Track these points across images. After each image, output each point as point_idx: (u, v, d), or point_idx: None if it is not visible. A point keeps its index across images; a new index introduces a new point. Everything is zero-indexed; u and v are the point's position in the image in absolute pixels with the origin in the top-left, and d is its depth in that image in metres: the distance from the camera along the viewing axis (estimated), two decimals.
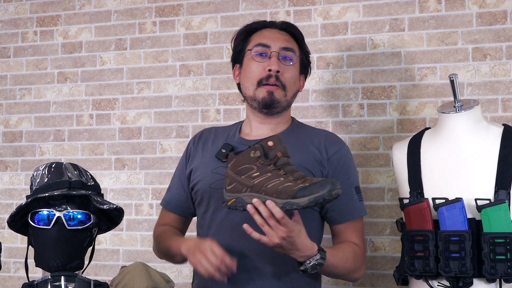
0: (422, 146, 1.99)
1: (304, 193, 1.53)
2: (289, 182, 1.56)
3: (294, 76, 1.90)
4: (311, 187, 1.53)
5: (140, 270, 1.76)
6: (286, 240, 1.58)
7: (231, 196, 1.64)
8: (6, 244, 2.93)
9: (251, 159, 1.62)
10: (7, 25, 3.07)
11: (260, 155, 1.61)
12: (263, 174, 1.59)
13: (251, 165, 1.62)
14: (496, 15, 2.44)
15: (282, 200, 1.54)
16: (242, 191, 1.61)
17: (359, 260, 1.84)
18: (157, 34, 2.85)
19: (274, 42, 1.88)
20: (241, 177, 1.62)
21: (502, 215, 1.80)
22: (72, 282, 1.63)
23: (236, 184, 1.63)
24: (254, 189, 1.59)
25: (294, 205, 1.53)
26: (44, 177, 1.71)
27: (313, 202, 1.52)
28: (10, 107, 3.03)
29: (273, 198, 1.56)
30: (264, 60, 1.86)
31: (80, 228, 1.68)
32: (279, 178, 1.58)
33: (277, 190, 1.56)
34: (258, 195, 1.58)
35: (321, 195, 1.51)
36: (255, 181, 1.60)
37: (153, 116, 2.83)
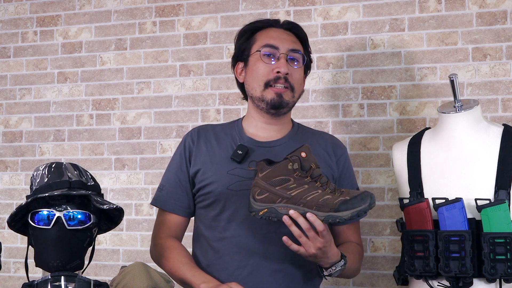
0: (422, 146, 1.99)
1: (346, 206, 1.58)
2: (327, 194, 1.60)
3: (301, 77, 1.91)
4: (352, 200, 1.58)
5: (140, 270, 1.75)
6: (322, 250, 1.64)
7: (263, 206, 1.64)
8: (6, 244, 2.93)
9: (288, 171, 1.64)
10: (7, 25, 3.07)
11: (297, 167, 1.63)
12: (300, 186, 1.62)
13: (287, 177, 1.63)
14: (496, 15, 2.44)
15: (324, 213, 1.58)
16: (276, 201, 1.63)
17: (361, 259, 1.93)
18: (157, 34, 2.85)
19: (282, 43, 1.87)
20: (275, 188, 1.63)
21: (502, 215, 1.80)
22: (72, 282, 1.63)
23: (269, 194, 1.64)
24: (291, 201, 1.61)
25: (337, 218, 1.58)
26: (44, 177, 1.71)
27: (356, 215, 1.57)
28: (10, 107, 3.03)
29: (313, 211, 1.59)
30: (273, 61, 1.86)
31: (80, 228, 1.68)
32: (317, 191, 1.61)
33: (318, 204, 1.59)
34: (295, 206, 1.61)
35: (363, 209, 1.57)
36: (292, 192, 1.62)
37: (153, 116, 2.83)
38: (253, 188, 1.67)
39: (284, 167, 1.64)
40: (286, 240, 1.64)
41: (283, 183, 1.63)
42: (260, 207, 1.65)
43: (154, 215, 2.77)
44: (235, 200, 1.81)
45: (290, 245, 1.64)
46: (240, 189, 1.80)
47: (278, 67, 1.84)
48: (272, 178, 1.64)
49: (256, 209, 1.65)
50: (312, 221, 1.59)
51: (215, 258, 1.84)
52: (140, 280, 1.72)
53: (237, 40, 1.96)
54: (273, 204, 1.63)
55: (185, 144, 1.94)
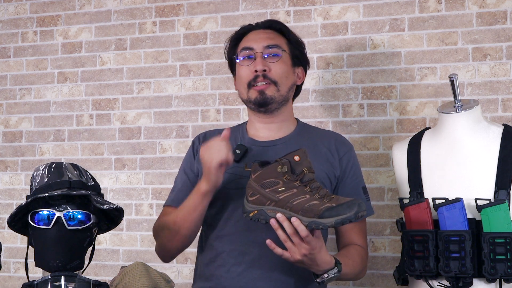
0: (422, 146, 1.99)
1: (330, 213, 1.54)
2: (315, 200, 1.57)
3: (285, 70, 1.90)
4: (337, 208, 1.54)
5: (140, 270, 1.75)
6: (308, 257, 1.60)
7: (253, 208, 1.64)
8: (6, 244, 2.93)
9: (277, 173, 1.62)
10: (7, 25, 3.07)
11: (287, 170, 1.61)
12: (289, 190, 1.60)
13: (277, 180, 1.62)
14: (496, 15, 2.44)
15: (308, 219, 1.55)
16: (266, 204, 1.62)
17: (365, 262, 1.88)
18: (157, 34, 2.85)
19: (257, 43, 1.89)
20: (265, 190, 1.62)
21: (502, 215, 1.80)
22: (72, 282, 1.63)
23: (259, 196, 1.63)
24: (279, 204, 1.60)
25: (320, 225, 1.54)
26: (44, 177, 1.71)
27: (339, 223, 1.54)
28: (10, 107, 3.03)
29: (298, 216, 1.56)
30: (250, 63, 1.88)
31: (80, 228, 1.68)
32: (305, 195, 1.59)
33: (303, 208, 1.56)
34: (283, 210, 1.59)
35: (348, 217, 1.53)
36: (280, 196, 1.60)
37: (153, 116, 2.83)
38: (247, 189, 1.68)
39: (273, 170, 1.63)
40: (269, 244, 1.62)
41: (272, 185, 1.62)
42: (251, 208, 1.65)
43: (154, 215, 2.77)
44: (232, 198, 1.84)
45: (273, 248, 1.62)
46: (237, 187, 1.82)
47: (255, 66, 1.86)
48: (263, 180, 1.64)
49: (248, 210, 1.66)
50: (295, 226, 1.56)
51: (214, 256, 1.86)
52: (140, 280, 1.72)
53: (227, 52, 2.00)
54: (262, 206, 1.62)
55: (194, 145, 2.01)
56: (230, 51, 1.98)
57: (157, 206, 2.77)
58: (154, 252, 2.75)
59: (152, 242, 2.77)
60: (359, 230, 1.90)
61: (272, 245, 1.62)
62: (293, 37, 1.96)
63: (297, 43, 1.97)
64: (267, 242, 1.62)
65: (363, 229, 1.92)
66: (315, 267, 1.64)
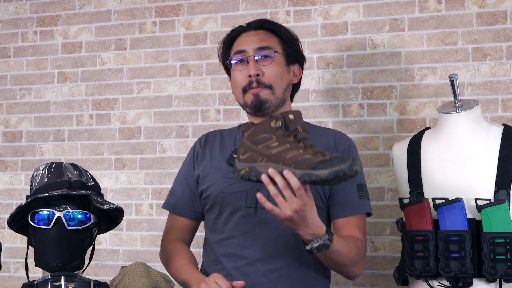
0: (422, 146, 1.99)
1: (324, 165, 1.46)
2: (308, 154, 1.51)
3: (279, 71, 1.87)
4: (331, 160, 1.46)
5: (140, 270, 1.75)
6: (299, 213, 1.53)
7: (244, 166, 1.58)
8: (6, 244, 2.93)
9: (271, 129, 1.57)
10: (7, 25, 3.07)
11: (281, 125, 1.57)
12: (282, 144, 1.55)
13: (270, 135, 1.57)
14: (496, 15, 2.44)
15: (301, 171, 1.48)
16: (257, 161, 1.56)
17: (361, 254, 1.80)
18: (157, 34, 2.85)
19: (248, 45, 1.87)
20: (258, 146, 1.57)
21: (502, 215, 1.80)
22: (72, 282, 1.63)
23: (251, 153, 1.58)
24: (271, 159, 1.54)
25: (313, 176, 1.46)
26: (44, 177, 1.71)
27: (333, 175, 1.44)
28: (10, 107, 3.03)
29: (291, 169, 1.49)
30: (244, 67, 1.86)
31: (80, 228, 1.68)
32: (298, 150, 1.53)
33: (296, 161, 1.49)
34: (275, 165, 1.52)
35: (342, 169, 1.44)
36: (272, 151, 1.54)
37: (153, 116, 2.83)
38: (239, 148, 1.63)
39: (267, 125, 1.59)
40: (260, 197, 1.55)
41: (265, 141, 1.57)
42: (242, 166, 1.59)
43: (154, 215, 2.77)
44: (229, 202, 1.84)
45: (263, 202, 1.55)
46: (233, 192, 1.82)
47: (248, 71, 1.84)
48: (256, 136, 1.59)
49: (238, 169, 1.60)
50: (287, 178, 1.49)
51: (214, 260, 1.87)
52: (140, 280, 1.72)
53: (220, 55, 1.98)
54: (254, 163, 1.57)
55: (194, 149, 2.00)
56: (224, 55, 1.96)
57: (157, 206, 2.77)
58: (154, 252, 2.75)
59: (152, 242, 2.77)
60: (355, 225, 1.83)
61: (262, 199, 1.56)
62: (285, 35, 1.93)
63: (290, 41, 1.93)
64: (257, 196, 1.56)
65: (359, 224, 1.85)
66: (304, 229, 1.57)
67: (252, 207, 1.81)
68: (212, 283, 1.64)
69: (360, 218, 1.86)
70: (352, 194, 1.85)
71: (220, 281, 1.64)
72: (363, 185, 1.88)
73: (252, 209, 1.81)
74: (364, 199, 1.87)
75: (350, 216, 1.83)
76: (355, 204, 1.85)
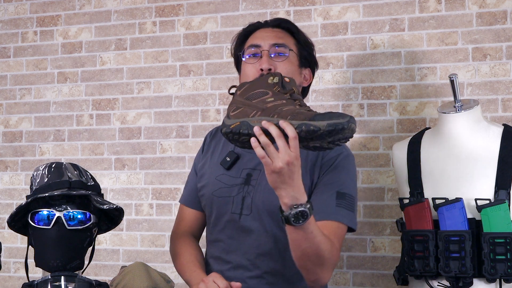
0: (422, 146, 1.99)
1: (323, 117, 1.41)
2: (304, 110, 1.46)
3: (290, 70, 1.82)
4: (330, 113, 1.41)
5: (140, 270, 1.75)
6: (289, 167, 1.44)
7: (235, 121, 1.50)
8: (6, 244, 2.93)
9: (268, 84, 1.52)
10: (7, 25, 3.07)
11: (278, 82, 1.52)
12: (278, 100, 1.49)
13: (266, 90, 1.51)
14: (496, 15, 2.44)
15: (298, 121, 1.42)
16: (250, 115, 1.49)
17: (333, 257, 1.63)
18: (157, 34, 2.85)
19: (264, 40, 1.83)
20: (252, 101, 1.51)
21: (502, 215, 1.80)
22: (72, 282, 1.63)
23: (244, 108, 1.51)
24: (266, 112, 1.47)
25: (311, 126, 1.40)
26: (44, 177, 1.71)
27: (332, 126, 1.38)
28: (10, 107, 3.03)
29: (287, 120, 1.43)
30: (257, 60, 1.81)
31: (80, 228, 1.68)
32: (294, 106, 1.48)
33: (293, 113, 1.44)
34: (269, 118, 1.46)
35: (340, 122, 1.39)
36: (268, 104, 1.49)
37: (153, 116, 2.83)
38: (229, 106, 1.55)
39: (264, 81, 1.54)
40: (253, 141, 1.45)
41: (261, 96, 1.51)
42: (232, 122, 1.51)
43: (154, 215, 2.77)
44: (217, 206, 1.84)
45: (255, 147, 1.45)
46: (222, 196, 1.82)
47: (260, 64, 1.79)
48: (250, 91, 1.53)
49: (228, 124, 1.52)
50: (283, 127, 1.42)
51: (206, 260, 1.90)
52: (140, 280, 1.72)
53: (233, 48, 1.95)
54: (246, 118, 1.49)
55: (205, 141, 2.00)
56: (236, 48, 1.92)
57: (157, 206, 2.78)
58: (154, 252, 2.75)
59: (152, 242, 2.77)
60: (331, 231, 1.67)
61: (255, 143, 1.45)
62: (302, 37, 1.90)
63: (306, 44, 1.90)
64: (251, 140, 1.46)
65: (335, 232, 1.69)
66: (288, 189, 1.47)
67: (236, 213, 1.80)
68: (210, 282, 1.64)
69: (336, 226, 1.70)
70: (329, 200, 1.73)
71: (218, 280, 1.63)
72: (345, 194, 1.74)
73: (237, 215, 1.80)
74: (341, 208, 1.72)
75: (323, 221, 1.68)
76: (329, 211, 1.71)
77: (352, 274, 2.52)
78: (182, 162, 2.76)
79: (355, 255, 2.52)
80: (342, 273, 2.53)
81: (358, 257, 2.52)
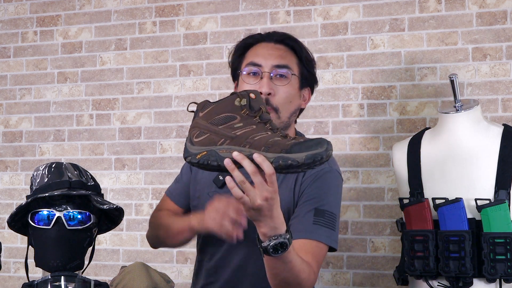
0: (422, 146, 1.99)
1: (300, 148, 1.29)
2: (278, 137, 1.34)
3: (290, 94, 1.73)
4: (307, 143, 1.30)
5: (140, 270, 1.75)
6: (268, 202, 1.34)
7: (200, 149, 1.38)
8: (6, 244, 2.93)
9: (234, 107, 1.39)
10: (7, 25, 3.07)
11: (245, 103, 1.39)
12: (248, 125, 1.37)
13: (233, 114, 1.39)
14: (496, 15, 2.44)
15: (274, 154, 1.30)
16: (218, 143, 1.37)
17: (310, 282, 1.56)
18: (157, 34, 2.85)
19: (266, 60, 1.73)
20: (217, 127, 1.38)
21: (502, 215, 1.80)
22: (72, 282, 1.63)
23: (209, 135, 1.39)
24: (236, 141, 1.35)
25: (289, 160, 1.29)
26: (44, 177, 1.71)
27: (311, 159, 1.28)
28: (10, 107, 3.03)
29: (261, 152, 1.31)
30: (256, 81, 1.73)
31: (80, 228, 1.68)
32: (266, 132, 1.35)
33: (267, 143, 1.32)
34: (240, 148, 1.34)
35: (319, 153, 1.28)
36: (237, 132, 1.36)
37: (153, 116, 2.83)
38: (191, 130, 1.43)
39: (230, 103, 1.40)
40: (229, 181, 1.35)
41: (228, 121, 1.38)
42: (198, 150, 1.39)
43: None
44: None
45: (232, 187, 1.35)
46: None
47: (260, 87, 1.70)
48: (215, 115, 1.40)
49: (193, 153, 1.40)
50: (259, 163, 1.30)
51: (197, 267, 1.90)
52: (140, 280, 1.72)
53: (231, 57, 1.85)
54: (213, 146, 1.37)
55: None
56: (235, 60, 1.83)
57: None
58: (154, 252, 2.75)
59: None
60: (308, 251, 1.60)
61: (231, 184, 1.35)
62: (305, 55, 1.79)
63: (308, 62, 1.80)
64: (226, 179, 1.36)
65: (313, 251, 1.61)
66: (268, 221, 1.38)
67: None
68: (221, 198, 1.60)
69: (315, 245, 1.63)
70: (306, 217, 1.65)
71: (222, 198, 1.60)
72: (324, 212, 1.66)
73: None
74: (318, 226, 1.64)
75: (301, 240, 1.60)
76: (306, 229, 1.63)
77: (352, 274, 2.52)
78: (182, 162, 2.75)
79: (355, 255, 2.52)
80: (342, 273, 2.54)
81: (358, 257, 2.52)
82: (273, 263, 1.45)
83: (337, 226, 1.68)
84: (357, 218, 2.53)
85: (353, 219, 2.53)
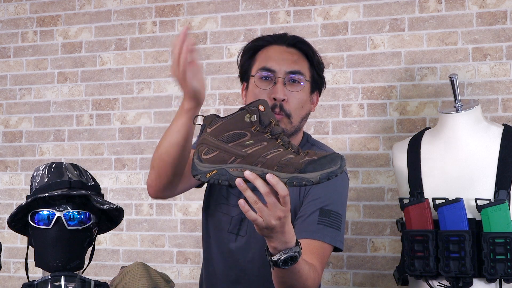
0: (422, 146, 1.99)
1: (314, 167, 1.28)
2: (290, 154, 1.32)
3: (302, 100, 1.73)
4: (320, 161, 1.29)
5: (140, 270, 1.75)
6: (281, 221, 1.34)
7: (210, 168, 1.35)
8: (6, 244, 2.93)
9: (244, 124, 1.36)
10: (7, 25, 3.07)
11: (256, 120, 1.36)
12: (259, 142, 1.34)
13: (243, 131, 1.35)
14: (496, 15, 2.44)
15: (288, 174, 1.29)
16: (228, 161, 1.34)
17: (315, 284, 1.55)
18: (157, 34, 2.85)
19: (279, 65, 1.71)
20: (227, 144, 1.35)
21: (502, 215, 1.80)
22: (72, 282, 1.63)
23: (219, 153, 1.35)
24: (247, 159, 1.32)
25: (304, 180, 1.28)
26: (44, 177, 1.71)
27: (325, 178, 1.27)
28: (10, 107, 3.03)
29: (274, 172, 1.30)
30: (269, 86, 1.71)
31: (80, 228, 1.68)
32: (278, 149, 1.33)
33: (280, 163, 1.30)
34: (252, 167, 1.31)
35: (334, 171, 1.28)
36: (248, 150, 1.33)
37: (153, 116, 2.83)
38: (199, 146, 1.38)
39: (239, 119, 1.36)
40: (242, 205, 1.32)
41: (238, 138, 1.35)
42: (208, 168, 1.35)
43: (154, 215, 2.77)
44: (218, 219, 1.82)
45: (246, 211, 1.32)
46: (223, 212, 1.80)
47: (274, 93, 1.69)
48: (224, 132, 1.36)
49: (202, 171, 1.36)
50: (273, 184, 1.28)
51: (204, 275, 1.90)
52: (140, 280, 1.72)
53: (240, 58, 1.82)
54: (223, 164, 1.34)
55: None
56: (245, 62, 1.79)
57: (157, 206, 2.77)
58: (154, 252, 2.75)
59: (152, 242, 2.77)
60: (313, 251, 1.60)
61: (246, 207, 1.33)
62: (316, 60, 1.78)
63: (318, 66, 1.79)
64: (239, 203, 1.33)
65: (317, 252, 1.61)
66: (280, 237, 1.36)
67: (234, 233, 1.77)
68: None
69: (319, 246, 1.63)
70: (311, 217, 1.65)
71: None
72: (330, 212, 1.66)
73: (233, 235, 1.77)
74: (323, 226, 1.64)
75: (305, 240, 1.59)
76: (310, 229, 1.63)
77: (352, 274, 2.52)
78: None
79: (355, 255, 2.52)
80: (342, 273, 2.54)
81: (358, 257, 2.52)
82: (282, 273, 1.45)
83: (343, 226, 1.68)
84: (357, 218, 2.53)
85: (353, 219, 2.53)
